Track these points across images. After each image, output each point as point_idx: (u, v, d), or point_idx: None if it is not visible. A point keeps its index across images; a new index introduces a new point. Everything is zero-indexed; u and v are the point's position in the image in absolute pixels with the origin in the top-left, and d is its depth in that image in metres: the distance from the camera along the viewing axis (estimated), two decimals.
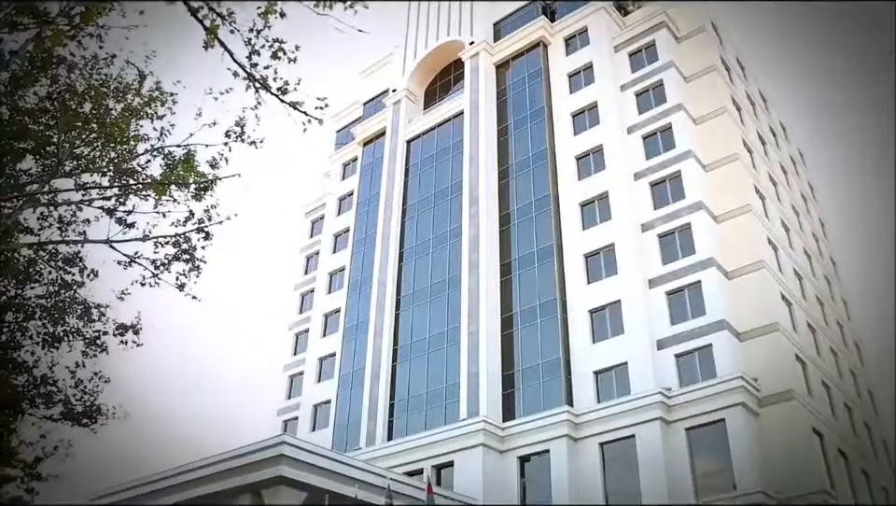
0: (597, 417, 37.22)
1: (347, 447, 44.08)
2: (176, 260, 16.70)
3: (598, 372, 39.04)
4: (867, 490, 40.38)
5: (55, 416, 16.45)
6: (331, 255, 57.87)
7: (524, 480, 38.40)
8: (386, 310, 48.20)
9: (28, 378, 16.25)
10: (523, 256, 44.81)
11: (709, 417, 34.25)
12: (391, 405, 45.09)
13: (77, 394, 16.62)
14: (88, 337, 16.51)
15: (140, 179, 16.47)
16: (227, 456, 28.24)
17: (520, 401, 40.64)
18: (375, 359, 46.95)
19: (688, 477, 33.84)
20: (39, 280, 16.18)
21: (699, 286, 37.80)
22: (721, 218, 40.49)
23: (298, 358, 56.05)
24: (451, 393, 42.18)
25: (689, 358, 36.71)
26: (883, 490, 43.34)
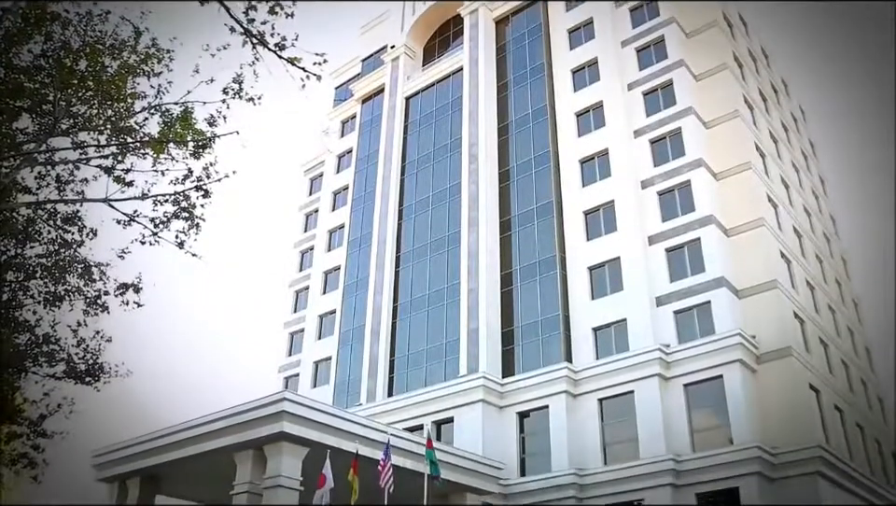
0: (596, 374, 37.52)
1: (348, 403, 44.50)
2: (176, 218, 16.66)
3: (597, 329, 39.25)
4: (861, 443, 40.91)
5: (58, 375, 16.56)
6: (331, 212, 57.82)
7: (523, 435, 38.84)
8: (386, 267, 48.29)
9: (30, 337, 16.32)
10: (522, 213, 44.78)
11: (707, 374, 34.52)
12: (391, 362, 45.42)
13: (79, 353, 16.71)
14: (89, 296, 16.55)
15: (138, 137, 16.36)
16: (229, 412, 28.47)
17: (519, 358, 40.92)
18: (375, 316, 47.17)
19: (685, 432, 34.22)
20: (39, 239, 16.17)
21: (698, 243, 37.82)
22: (720, 176, 40.37)
23: (298, 315, 56.30)
24: (451, 350, 42.46)
25: (688, 315, 36.87)
26: (876, 442, 43.91)
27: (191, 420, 30.16)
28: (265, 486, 27.12)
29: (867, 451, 41.38)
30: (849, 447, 38.25)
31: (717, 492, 32.42)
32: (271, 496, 26.82)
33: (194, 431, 29.62)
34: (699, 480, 32.59)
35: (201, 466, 30.58)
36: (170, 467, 31.47)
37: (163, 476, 33.10)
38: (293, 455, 27.24)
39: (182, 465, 30.90)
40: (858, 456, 39.09)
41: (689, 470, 32.90)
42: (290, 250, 61.08)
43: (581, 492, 35.17)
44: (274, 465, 27.13)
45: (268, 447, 27.53)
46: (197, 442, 29.45)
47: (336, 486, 25.74)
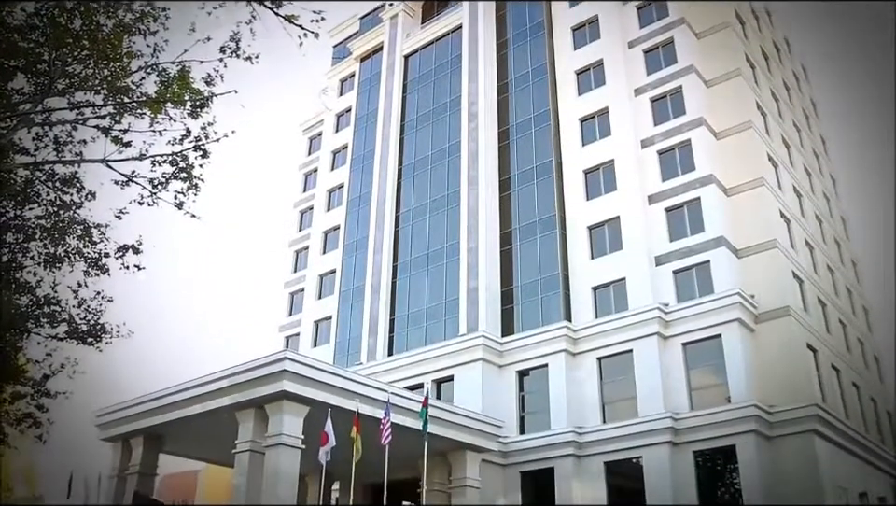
0: (595, 332, 37.73)
1: (348, 362, 44.81)
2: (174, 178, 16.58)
3: (597, 288, 39.37)
4: (857, 401, 41.29)
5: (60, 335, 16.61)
6: (330, 172, 57.63)
7: (522, 394, 39.19)
8: (386, 226, 48.27)
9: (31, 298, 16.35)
10: (522, 172, 44.64)
11: (706, 333, 34.71)
12: (391, 321, 45.62)
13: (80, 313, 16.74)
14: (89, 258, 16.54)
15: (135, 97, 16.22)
16: (230, 371, 28.61)
17: (519, 317, 41.10)
18: (375, 276, 47.27)
19: (684, 391, 34.52)
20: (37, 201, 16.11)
21: (698, 202, 37.77)
22: (721, 135, 40.16)
23: (298, 275, 56.42)
24: (450, 309, 42.62)
25: (687, 275, 36.96)
26: (872, 401, 44.32)
27: (193, 379, 30.31)
28: (267, 445, 27.36)
29: (863, 410, 41.80)
30: (845, 406, 38.62)
31: (714, 450, 32.84)
32: (272, 454, 27.08)
33: (196, 390, 29.79)
34: (697, 438, 32.97)
35: (203, 425, 30.82)
36: (173, 426, 31.71)
37: (166, 435, 33.38)
38: (294, 413, 27.44)
39: (185, 424, 31.13)
40: (854, 414, 39.48)
41: (687, 428, 33.26)
42: (290, 210, 61.00)
43: (580, 450, 35.58)
44: (276, 423, 27.35)
45: (269, 406, 27.73)
46: (199, 402, 29.63)
47: (338, 445, 26.01)
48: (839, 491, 32.89)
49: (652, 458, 33.39)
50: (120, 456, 34.12)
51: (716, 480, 33.35)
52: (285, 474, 26.81)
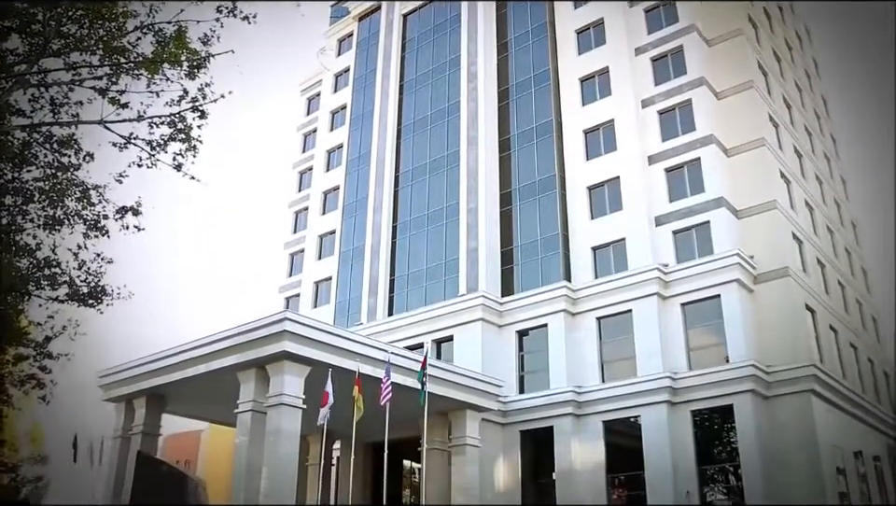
0: (595, 293, 37.85)
1: (348, 323, 44.99)
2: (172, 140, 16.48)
3: (596, 249, 39.42)
4: (854, 362, 41.57)
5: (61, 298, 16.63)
6: (329, 132, 57.29)
7: (522, 353, 39.43)
8: (385, 187, 48.15)
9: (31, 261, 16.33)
10: (522, 132, 44.42)
11: (705, 293, 34.81)
12: (391, 281, 45.73)
13: (81, 275, 16.74)
14: (88, 220, 16.50)
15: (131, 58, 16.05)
16: (231, 332, 28.70)
17: (518, 277, 41.21)
18: (375, 236, 47.28)
19: (682, 351, 34.73)
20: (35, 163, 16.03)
21: (698, 163, 37.63)
22: (722, 95, 39.87)
23: (298, 235, 56.40)
24: (450, 269, 42.69)
25: (686, 235, 36.96)
26: (869, 361, 44.63)
27: (195, 340, 30.43)
28: (268, 404, 27.56)
29: (860, 370, 42.11)
30: (843, 366, 38.89)
31: (712, 409, 33.14)
32: (274, 414, 27.30)
33: (198, 351, 29.93)
34: (695, 397, 33.25)
35: (205, 385, 31.01)
36: (175, 386, 31.91)
37: (169, 395, 33.62)
38: (295, 373, 27.60)
39: (187, 384, 31.32)
40: (851, 375, 39.77)
41: (685, 387, 33.52)
42: (289, 171, 60.79)
43: (579, 409, 35.90)
44: (277, 383, 27.53)
45: (270, 366, 27.88)
46: (201, 362, 29.78)
47: (339, 405, 26.21)
48: (834, 450, 33.26)
49: (651, 417, 33.70)
50: (123, 417, 34.42)
51: (713, 439, 33.72)
52: (286, 433, 27.06)
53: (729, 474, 32.86)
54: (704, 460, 33.00)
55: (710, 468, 33.23)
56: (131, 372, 33.34)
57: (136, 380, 33.09)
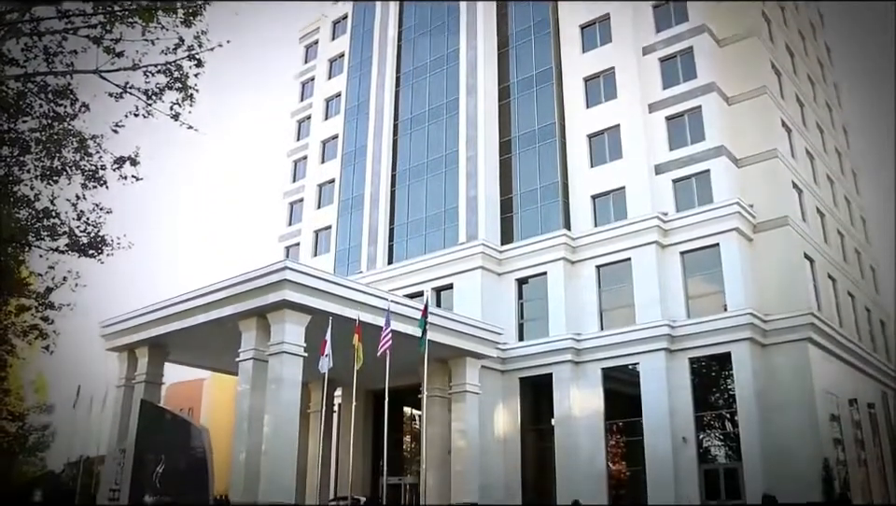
0: (594, 241, 37.92)
1: (348, 271, 45.15)
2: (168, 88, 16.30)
3: (596, 197, 39.37)
4: (852, 310, 41.82)
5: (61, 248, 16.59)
6: (327, 81, 56.78)
7: (521, 301, 39.67)
8: (384, 135, 47.88)
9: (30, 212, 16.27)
10: (521, 80, 44.02)
11: (704, 242, 34.87)
12: (391, 230, 45.76)
13: (80, 226, 16.68)
14: (86, 170, 16.40)
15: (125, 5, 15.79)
16: (232, 282, 28.85)
17: (518, 225, 41.24)
18: (374, 185, 47.18)
19: (681, 298, 34.92)
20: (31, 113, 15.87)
21: (699, 111, 37.35)
22: (724, 42, 39.38)
23: (297, 185, 56.27)
24: (450, 217, 42.69)
25: (686, 184, 36.87)
26: (866, 310, 44.88)
27: (196, 290, 30.61)
28: (270, 353, 27.84)
29: (857, 319, 42.40)
30: (840, 315, 39.14)
31: (710, 357, 33.46)
32: (275, 362, 27.58)
33: (199, 301, 30.12)
34: (693, 345, 33.52)
35: (207, 334, 31.27)
36: (177, 335, 32.17)
37: (171, 344, 33.90)
38: (296, 322, 27.82)
39: (188, 333, 31.58)
40: (848, 323, 40.05)
41: (683, 335, 33.77)
42: (287, 120, 60.35)
43: (578, 356, 36.21)
44: (278, 332, 27.76)
45: (271, 315, 28.08)
46: (202, 311, 29.98)
47: (340, 353, 26.43)
48: (829, 397, 33.65)
49: (649, 365, 34.02)
50: (126, 366, 34.79)
51: (710, 386, 34.11)
52: (287, 381, 27.39)
53: (725, 421, 33.32)
54: (701, 407, 33.42)
55: (707, 414, 33.67)
56: (133, 321, 33.59)
57: (138, 330, 33.36)
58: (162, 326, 31.99)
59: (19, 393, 46.04)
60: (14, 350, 22.78)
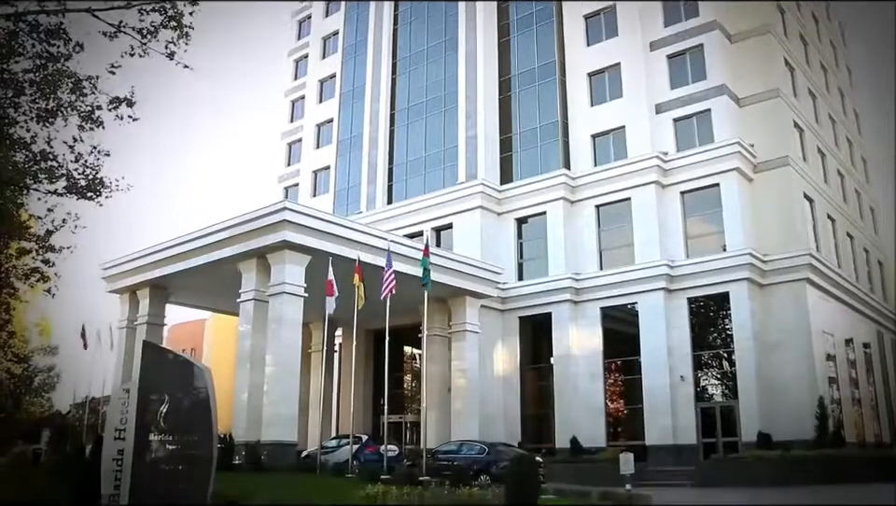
0: (594, 180, 37.81)
1: (348, 211, 45.09)
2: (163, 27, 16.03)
3: (596, 136, 39.14)
4: (850, 251, 41.90)
5: (59, 191, 16.51)
6: (324, 18, 55.84)
7: (520, 241, 39.74)
8: (383, 74, 47.33)
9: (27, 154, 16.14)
10: (521, 17, 43.36)
11: (704, 182, 34.77)
12: (390, 170, 45.58)
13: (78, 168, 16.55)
14: (82, 111, 16.22)
15: None
16: (231, 222, 28.84)
17: (517, 165, 41.09)
18: (373, 124, 46.83)
19: (680, 238, 34.97)
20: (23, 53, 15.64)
21: (701, 49, 36.85)
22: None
23: (295, 125, 55.85)
24: (449, 157, 42.50)
25: (687, 123, 36.61)
26: (864, 251, 44.98)
27: (196, 231, 30.63)
28: (270, 293, 28.00)
29: (855, 259, 42.51)
30: (838, 256, 39.26)
31: (708, 297, 33.66)
32: (276, 302, 27.76)
33: (199, 242, 30.16)
34: (691, 285, 33.69)
35: (207, 275, 31.41)
36: (178, 277, 32.30)
37: (172, 286, 34.08)
38: (296, 262, 27.91)
39: (189, 275, 31.72)
40: (846, 264, 40.20)
41: (682, 274, 33.92)
42: (285, 59, 59.58)
43: (577, 295, 36.43)
44: (278, 273, 27.88)
45: (271, 256, 28.16)
46: (202, 253, 30.05)
47: (340, 293, 26.52)
48: (826, 337, 33.96)
49: (647, 304, 34.25)
50: (128, 308, 35.04)
51: (708, 325, 34.42)
52: (288, 321, 27.61)
53: (722, 360, 33.69)
54: (698, 346, 33.75)
55: (704, 353, 34.03)
56: (133, 263, 33.70)
57: (139, 271, 33.50)
58: (163, 267, 32.11)
59: (23, 335, 46.42)
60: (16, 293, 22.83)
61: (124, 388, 10.71)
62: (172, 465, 10.03)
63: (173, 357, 11.22)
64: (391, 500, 15.33)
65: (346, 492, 17.05)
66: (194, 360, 11.11)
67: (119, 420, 10.15)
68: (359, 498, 15.84)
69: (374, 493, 16.07)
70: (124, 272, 34.31)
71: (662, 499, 17.84)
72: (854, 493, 21.54)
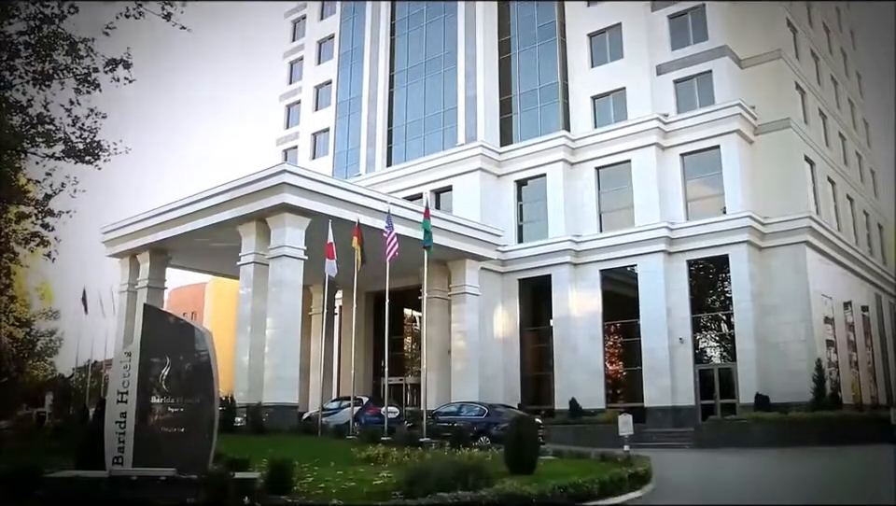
0: (594, 142, 37.65)
1: (347, 174, 44.95)
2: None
3: (596, 98, 38.91)
4: (850, 214, 41.84)
5: (57, 154, 16.44)
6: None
7: (520, 203, 39.69)
8: (381, 36, 46.88)
9: (24, 118, 16.03)
10: None
11: (705, 144, 34.60)
12: (389, 132, 45.37)
13: (75, 131, 16.49)
14: (78, 74, 16.10)
15: None
16: (231, 185, 28.76)
17: (517, 127, 40.90)
18: (372, 86, 46.49)
19: (680, 201, 34.91)
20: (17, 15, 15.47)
21: (702, 9, 36.43)
22: None
23: (294, 87, 55.43)
24: (448, 119, 42.28)
25: (688, 85, 36.34)
26: (864, 214, 44.90)
27: (195, 194, 30.56)
28: (270, 256, 28.03)
29: (855, 223, 42.45)
30: (838, 219, 39.19)
31: (707, 259, 33.67)
32: (276, 265, 27.80)
33: (198, 205, 30.10)
34: (691, 247, 33.70)
35: (207, 238, 31.41)
36: (178, 240, 32.31)
37: (172, 249, 34.09)
38: (296, 225, 27.90)
39: (189, 238, 31.72)
40: (846, 227, 40.13)
41: (681, 237, 33.90)
42: (282, 20, 58.94)
43: (577, 258, 36.45)
44: (278, 235, 27.88)
45: (271, 219, 28.14)
46: (202, 216, 30.01)
47: (340, 256, 26.50)
48: (824, 300, 34.04)
49: (647, 266, 34.28)
50: (129, 272, 35.09)
51: (707, 288, 34.48)
52: (288, 284, 27.68)
53: (721, 322, 33.81)
54: (697, 309, 33.85)
55: (703, 316, 34.14)
56: (133, 227, 33.69)
57: (139, 235, 33.50)
58: (163, 231, 32.11)
59: (24, 300, 46.50)
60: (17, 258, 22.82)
61: (126, 352, 10.77)
62: (174, 427, 10.13)
63: (174, 320, 11.27)
64: (392, 461, 15.50)
65: (347, 453, 17.22)
66: (195, 324, 11.17)
67: (121, 383, 10.21)
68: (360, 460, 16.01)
69: (375, 454, 16.26)
70: (124, 235, 34.31)
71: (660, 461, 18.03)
72: (851, 454, 21.74)
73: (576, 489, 11.26)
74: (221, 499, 9.14)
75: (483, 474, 10.85)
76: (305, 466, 13.66)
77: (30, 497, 9.26)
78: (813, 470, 17.94)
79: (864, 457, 21.12)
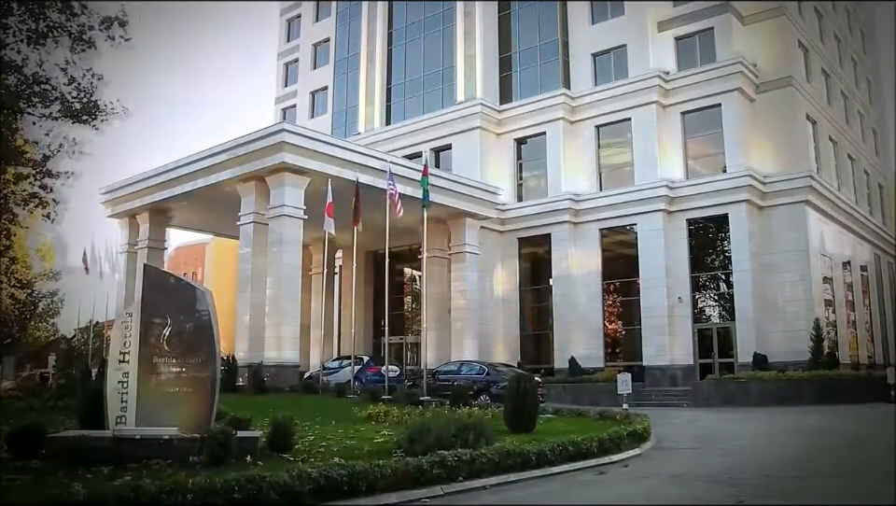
0: (594, 100, 37.37)
1: (346, 133, 44.67)
2: None
3: (596, 55, 38.53)
4: (851, 174, 41.69)
5: (54, 115, 16.34)
6: None
7: (520, 161, 39.55)
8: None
9: (19, 77, 15.88)
10: None
11: (705, 102, 34.35)
12: (388, 90, 45.01)
13: (72, 92, 16.37)
14: (73, 32, 15.92)
15: None
16: (229, 145, 28.68)
17: (517, 84, 40.56)
18: (370, 43, 45.99)
19: (680, 159, 34.76)
20: None
21: None
22: None
23: (291, 45, 54.90)
24: (447, 76, 41.92)
25: (689, 42, 36.00)
26: (865, 174, 44.74)
27: (194, 154, 30.46)
28: (270, 216, 28.03)
29: (855, 182, 42.32)
30: (839, 178, 39.05)
31: (707, 218, 33.62)
32: (276, 224, 27.82)
33: (198, 165, 30.04)
34: (691, 206, 33.62)
35: (207, 198, 31.36)
36: (177, 200, 32.28)
37: (172, 209, 34.09)
38: (295, 184, 27.86)
39: (189, 198, 31.68)
40: (846, 186, 40.01)
41: (681, 196, 33.80)
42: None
43: (576, 217, 36.39)
44: (277, 195, 27.85)
45: (270, 178, 28.08)
46: (201, 176, 29.95)
47: (339, 215, 26.48)
48: (823, 259, 34.08)
49: (646, 225, 34.22)
50: (129, 232, 35.10)
51: (707, 247, 34.48)
52: (288, 243, 27.74)
53: (720, 281, 33.87)
54: (697, 268, 33.89)
55: (703, 275, 34.19)
56: (133, 187, 33.65)
57: (138, 195, 33.47)
58: (162, 191, 32.07)
59: (25, 261, 46.49)
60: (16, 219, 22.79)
61: (127, 312, 10.79)
62: (176, 387, 10.17)
63: (174, 280, 11.26)
64: (392, 420, 15.64)
65: (348, 412, 17.38)
66: (196, 283, 11.19)
67: (122, 344, 10.24)
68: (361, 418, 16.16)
69: (376, 412, 16.40)
70: (124, 196, 34.26)
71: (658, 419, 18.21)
72: (847, 412, 21.94)
73: (575, 447, 11.39)
74: (223, 458, 9.25)
75: (483, 432, 10.94)
76: (307, 425, 13.81)
77: (35, 456, 9.35)
78: (811, 428, 18.07)
79: (860, 415, 21.30)
